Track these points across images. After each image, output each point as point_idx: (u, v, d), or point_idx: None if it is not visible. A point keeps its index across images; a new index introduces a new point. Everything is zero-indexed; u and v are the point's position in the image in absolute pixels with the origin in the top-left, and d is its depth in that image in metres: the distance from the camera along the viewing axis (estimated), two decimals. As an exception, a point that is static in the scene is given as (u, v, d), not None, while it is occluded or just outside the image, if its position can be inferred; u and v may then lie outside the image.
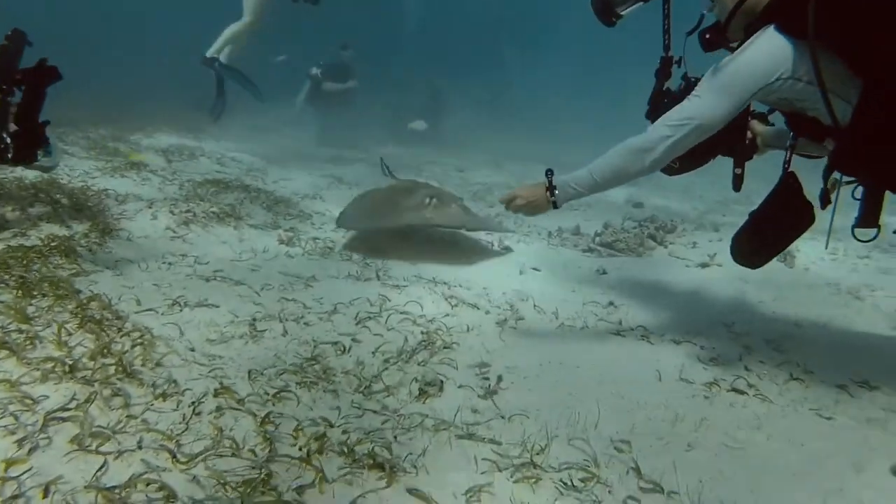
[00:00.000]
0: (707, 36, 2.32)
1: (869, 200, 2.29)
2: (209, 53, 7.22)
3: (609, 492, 1.67)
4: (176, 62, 7.73)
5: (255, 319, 2.58)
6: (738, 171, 2.50)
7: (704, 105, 2.17)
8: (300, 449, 1.71)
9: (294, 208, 4.88)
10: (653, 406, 2.23)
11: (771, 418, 2.21)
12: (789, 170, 2.41)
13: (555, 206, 2.44)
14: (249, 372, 2.10)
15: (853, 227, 2.33)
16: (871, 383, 2.49)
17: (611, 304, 3.28)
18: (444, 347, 2.58)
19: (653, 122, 2.36)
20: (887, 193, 2.28)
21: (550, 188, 2.43)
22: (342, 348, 2.46)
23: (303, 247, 3.86)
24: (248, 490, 1.48)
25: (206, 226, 3.89)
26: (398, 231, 4.00)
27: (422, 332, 2.68)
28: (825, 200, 2.32)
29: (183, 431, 1.70)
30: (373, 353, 2.46)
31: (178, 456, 1.58)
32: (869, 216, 2.29)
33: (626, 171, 2.30)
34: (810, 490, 1.78)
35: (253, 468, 1.59)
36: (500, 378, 2.33)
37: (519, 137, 11.72)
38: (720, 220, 5.97)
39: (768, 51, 2.08)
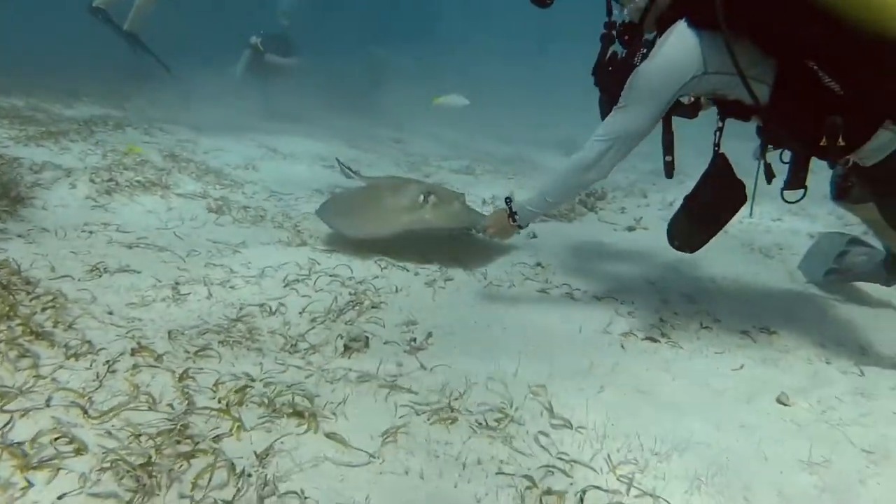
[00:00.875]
0: (626, 37, 2.39)
1: (796, 165, 2.40)
2: (126, 27, 6.91)
3: (521, 429, 1.75)
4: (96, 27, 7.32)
5: (178, 283, 2.54)
6: (669, 158, 2.52)
7: (629, 117, 2.27)
8: (219, 401, 1.72)
9: (226, 178, 4.77)
10: (571, 355, 2.33)
11: (678, 361, 2.35)
12: (719, 151, 2.47)
13: (520, 228, 2.69)
14: (170, 332, 2.08)
15: (782, 189, 2.43)
16: (771, 329, 2.69)
17: (538, 265, 3.38)
18: (372, 307, 2.61)
19: (600, 87, 2.47)
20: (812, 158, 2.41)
21: (511, 214, 2.64)
22: (269, 309, 2.46)
23: (233, 216, 3.79)
24: (164, 440, 1.49)
25: (130, 195, 3.76)
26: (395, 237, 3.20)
27: (350, 294, 2.70)
28: (769, 174, 2.46)
29: (96, 389, 1.68)
30: (300, 313, 2.47)
31: (90, 412, 1.57)
32: (796, 179, 2.40)
33: (575, 188, 2.56)
34: (705, 419, 1.92)
35: (170, 421, 1.59)
36: (428, 335, 2.39)
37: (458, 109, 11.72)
38: (649, 189, 6.18)
39: (679, 53, 2.14)
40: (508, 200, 2.70)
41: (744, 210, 2.52)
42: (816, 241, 3.62)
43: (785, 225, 5.02)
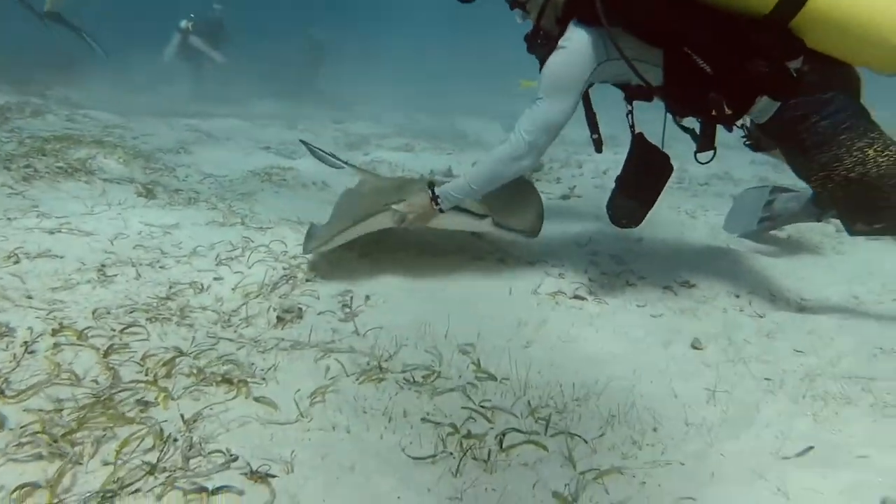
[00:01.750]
0: (539, 41, 2.51)
1: (703, 131, 2.57)
2: (47, 7, 6.60)
3: (448, 383, 1.82)
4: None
5: (104, 266, 2.49)
6: (595, 136, 2.70)
7: (550, 108, 2.37)
8: (146, 374, 1.72)
9: (156, 162, 4.65)
10: (501, 316, 2.42)
11: (603, 316, 2.47)
12: (637, 132, 2.63)
13: (441, 211, 2.61)
14: (94, 311, 2.06)
15: (695, 152, 2.59)
16: (690, 282, 2.85)
17: (473, 234, 3.45)
18: (307, 281, 2.63)
19: (535, 56, 2.55)
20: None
21: (434, 198, 2.59)
22: (200, 287, 2.44)
23: (164, 199, 3.71)
24: (87, 413, 1.49)
25: (52, 182, 3.63)
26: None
27: (284, 269, 2.71)
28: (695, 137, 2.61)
29: (13, 370, 1.65)
30: (233, 289, 2.46)
31: (6, 392, 1.55)
32: (705, 142, 2.57)
33: (500, 177, 2.51)
34: (624, 366, 2.04)
35: (94, 396, 1.59)
36: (365, 298, 2.43)
37: (398, 89, 11.67)
38: (585, 160, 6.35)
39: (578, 46, 2.31)
40: (431, 186, 2.64)
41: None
42: (739, 198, 3.82)
43: (712, 189, 5.26)
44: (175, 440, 1.42)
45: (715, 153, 2.58)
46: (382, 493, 1.33)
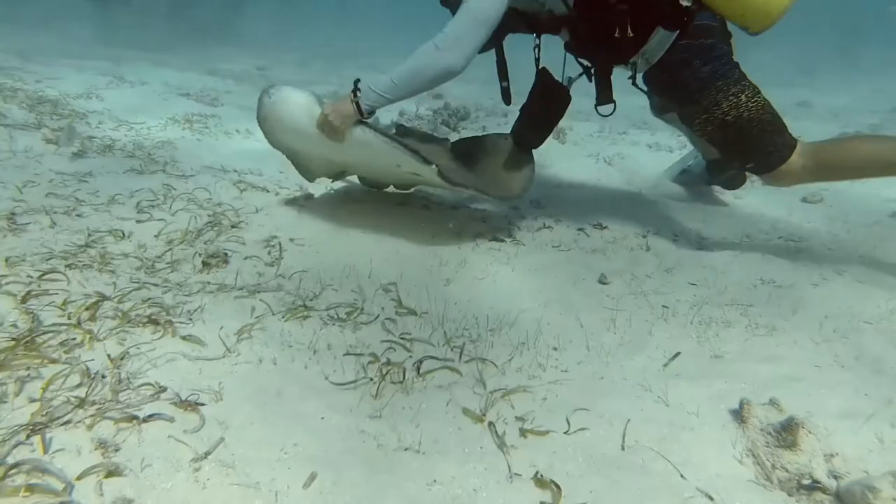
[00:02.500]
0: None
1: (601, 83, 2.74)
2: None
3: (370, 318, 1.93)
4: None
5: (14, 214, 2.42)
6: (505, 84, 2.85)
7: (479, 2, 2.30)
8: (69, 318, 1.73)
9: (65, 108, 4.41)
10: (422, 257, 2.53)
11: (519, 256, 2.63)
12: (541, 66, 2.84)
13: (359, 108, 2.36)
14: (7, 259, 2.02)
15: (595, 105, 2.76)
16: (603, 225, 3.05)
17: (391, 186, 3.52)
18: (232, 227, 2.64)
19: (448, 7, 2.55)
20: (613, 77, 2.74)
21: (355, 91, 2.38)
22: (121, 234, 2.42)
23: (77, 146, 3.56)
24: (7, 356, 1.50)
25: (-54, 128, 3.41)
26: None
27: (209, 215, 2.71)
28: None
29: (-80, 319, 1.63)
30: (155, 236, 2.45)
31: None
32: (603, 95, 2.74)
33: (424, 72, 2.33)
34: (535, 300, 2.21)
35: (14, 338, 1.59)
36: (289, 242, 2.48)
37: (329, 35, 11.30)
38: (510, 110, 6.45)
39: None
40: (357, 81, 2.43)
41: (587, 122, 2.81)
42: (685, 155, 4.10)
43: (629, 137, 5.50)
44: (103, 376, 1.47)
45: (615, 107, 2.75)
46: (307, 414, 1.44)
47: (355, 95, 2.37)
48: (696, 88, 2.51)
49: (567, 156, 4.51)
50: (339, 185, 3.31)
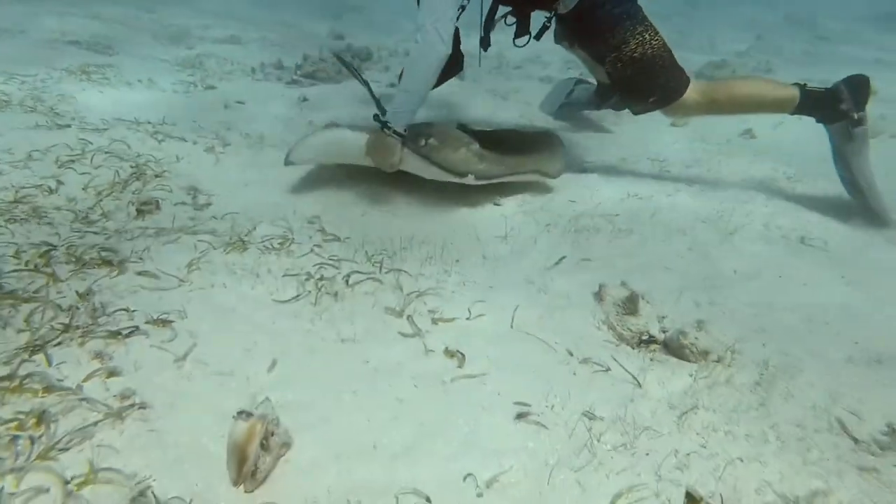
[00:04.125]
0: None
1: (519, 22, 3.02)
2: None
3: (300, 247, 2.25)
4: None
5: (-67, 176, 2.48)
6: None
7: None
8: (26, 265, 1.93)
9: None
10: (340, 193, 2.84)
11: (424, 189, 2.98)
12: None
13: (399, 134, 2.58)
14: (-56, 218, 2.14)
15: (513, 38, 3.04)
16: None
17: (310, 123, 3.75)
18: (156, 176, 2.82)
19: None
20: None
21: (384, 126, 2.58)
22: (48, 189, 2.55)
23: (-33, 103, 3.49)
24: (-18, 299, 1.71)
25: None
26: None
27: (131, 167, 2.86)
28: (486, 44, 3.09)
29: None
30: (83, 189, 2.60)
31: None
32: (521, 30, 3.03)
33: (426, 71, 2.56)
34: (441, 224, 2.60)
35: (-18, 286, 1.79)
36: (215, 186, 2.70)
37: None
38: (413, 48, 6.64)
39: None
40: (376, 117, 2.64)
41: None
42: (553, 86, 4.46)
43: (523, 72, 5.89)
44: (77, 308, 1.72)
45: (530, 37, 3.07)
46: (261, 322, 1.78)
47: (386, 127, 2.57)
48: (606, 28, 2.85)
49: (466, 92, 4.85)
50: (256, 132, 3.50)
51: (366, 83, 2.91)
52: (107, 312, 1.71)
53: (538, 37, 3.21)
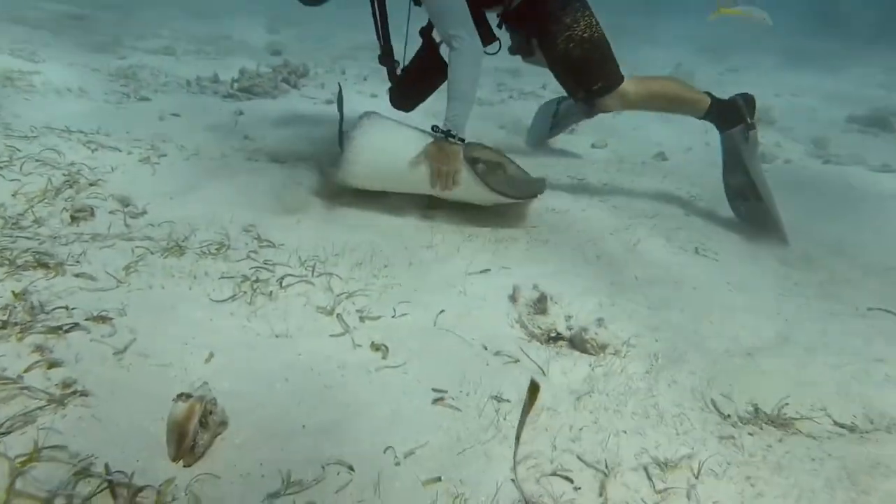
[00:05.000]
0: None
1: (482, 26, 3.08)
2: None
3: (237, 252, 2.37)
4: None
5: None
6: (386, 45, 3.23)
7: (442, 1, 2.70)
8: (-42, 267, 1.97)
9: None
10: (274, 202, 2.97)
11: (364, 198, 3.15)
12: (431, 34, 3.19)
13: (462, 140, 2.77)
14: None
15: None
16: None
17: (246, 137, 3.85)
18: (90, 185, 2.86)
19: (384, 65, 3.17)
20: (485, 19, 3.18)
21: (447, 135, 2.75)
22: (-24, 195, 2.56)
23: None
24: (-84, 298, 1.75)
25: None
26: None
27: (64, 175, 2.88)
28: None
29: None
30: (13, 195, 2.62)
31: None
32: (486, 37, 3.09)
33: (474, 74, 2.75)
34: (374, 232, 2.77)
35: (-86, 286, 1.83)
36: (151, 196, 2.77)
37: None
38: (350, 65, 6.83)
39: None
40: (435, 128, 2.79)
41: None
42: (535, 115, 4.57)
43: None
44: (14, 307, 1.79)
45: (501, 45, 3.21)
46: (198, 320, 1.89)
47: (449, 135, 2.74)
48: (558, 8, 3.04)
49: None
50: (192, 144, 3.57)
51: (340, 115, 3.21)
52: (45, 310, 1.79)
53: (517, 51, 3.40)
